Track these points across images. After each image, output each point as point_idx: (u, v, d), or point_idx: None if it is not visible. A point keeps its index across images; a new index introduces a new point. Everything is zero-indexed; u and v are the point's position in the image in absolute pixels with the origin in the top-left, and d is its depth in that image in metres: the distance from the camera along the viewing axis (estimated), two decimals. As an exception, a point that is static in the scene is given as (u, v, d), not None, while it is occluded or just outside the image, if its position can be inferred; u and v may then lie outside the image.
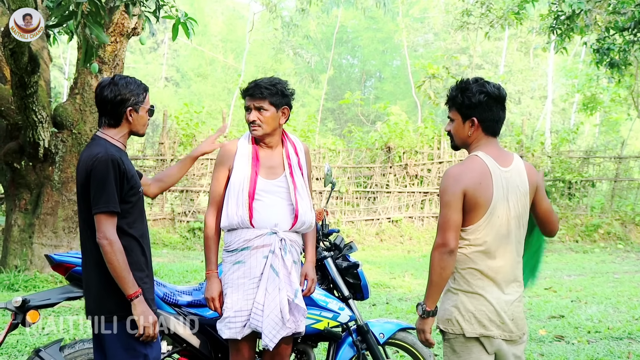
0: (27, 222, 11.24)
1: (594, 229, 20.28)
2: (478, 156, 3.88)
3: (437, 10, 43.90)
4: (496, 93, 3.90)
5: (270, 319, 4.48)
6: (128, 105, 4.14)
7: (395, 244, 19.70)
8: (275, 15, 33.34)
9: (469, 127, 3.93)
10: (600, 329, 8.82)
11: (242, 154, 4.70)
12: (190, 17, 8.22)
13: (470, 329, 3.82)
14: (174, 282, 11.71)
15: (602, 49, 11.84)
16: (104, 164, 3.99)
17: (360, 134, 22.89)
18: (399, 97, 42.78)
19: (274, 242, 4.57)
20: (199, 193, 19.05)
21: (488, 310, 3.82)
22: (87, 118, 11.21)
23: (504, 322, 3.84)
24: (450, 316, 3.87)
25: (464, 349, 3.86)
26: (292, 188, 4.68)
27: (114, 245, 3.95)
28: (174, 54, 50.31)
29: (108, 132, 4.19)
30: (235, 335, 4.55)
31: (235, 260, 4.62)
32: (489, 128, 3.94)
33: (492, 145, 3.93)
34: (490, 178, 3.81)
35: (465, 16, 19.09)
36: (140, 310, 4.00)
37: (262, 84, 4.64)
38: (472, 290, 3.84)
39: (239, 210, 4.57)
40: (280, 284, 4.52)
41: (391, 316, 9.47)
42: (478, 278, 3.84)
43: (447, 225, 3.78)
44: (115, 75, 4.25)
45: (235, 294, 4.59)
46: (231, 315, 4.55)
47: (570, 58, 32.48)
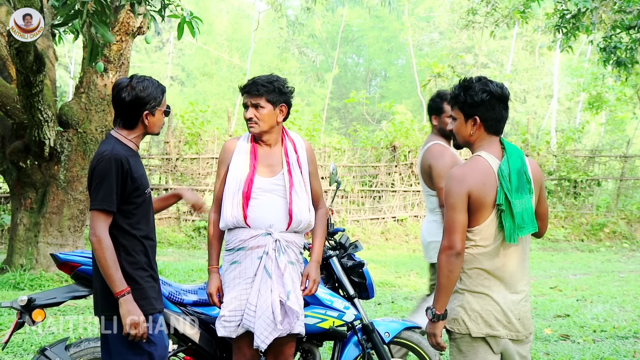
0: (33, 221, 11.25)
1: (599, 228, 20.25)
2: (481, 156, 3.86)
3: (442, 9, 43.84)
4: (499, 92, 3.89)
5: (262, 320, 4.48)
6: (144, 110, 4.14)
7: (400, 243, 19.69)
8: (281, 14, 33.27)
9: (471, 126, 3.92)
10: (605, 328, 8.80)
11: (240, 152, 4.72)
12: (196, 16, 8.21)
13: (477, 328, 3.82)
14: (179, 281, 11.72)
15: (608, 47, 11.81)
16: (107, 162, 3.99)
17: (365, 132, 22.86)
18: (404, 96, 42.73)
19: (268, 243, 4.57)
20: (204, 192, 19.05)
21: (494, 310, 3.82)
22: (93, 117, 11.22)
23: (511, 321, 3.83)
24: (456, 316, 3.86)
25: (470, 348, 3.86)
26: (289, 186, 4.67)
27: (102, 243, 3.96)
28: (180, 53, 50.33)
29: (122, 132, 4.20)
30: (229, 334, 4.57)
31: (232, 259, 4.65)
32: (491, 127, 3.92)
33: (495, 145, 3.92)
34: (495, 178, 3.79)
35: (470, 15, 19.00)
36: (126, 309, 3.99)
37: (259, 81, 4.64)
38: (479, 290, 3.83)
39: (234, 210, 4.59)
40: (272, 285, 4.52)
41: (396, 315, 9.46)
42: (484, 278, 3.83)
43: (452, 227, 3.77)
44: (133, 76, 4.21)
45: (231, 293, 4.61)
46: (226, 314, 4.57)
47: (575, 57, 32.38)
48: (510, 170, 3.79)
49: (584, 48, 33.45)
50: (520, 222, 3.80)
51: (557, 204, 20.77)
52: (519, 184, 3.80)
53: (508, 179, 3.77)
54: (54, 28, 10.93)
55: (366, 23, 47.59)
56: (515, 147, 3.92)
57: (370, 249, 18.23)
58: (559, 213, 20.55)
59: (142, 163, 4.32)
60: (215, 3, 50.26)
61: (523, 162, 3.86)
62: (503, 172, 3.77)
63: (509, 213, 3.77)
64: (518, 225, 3.79)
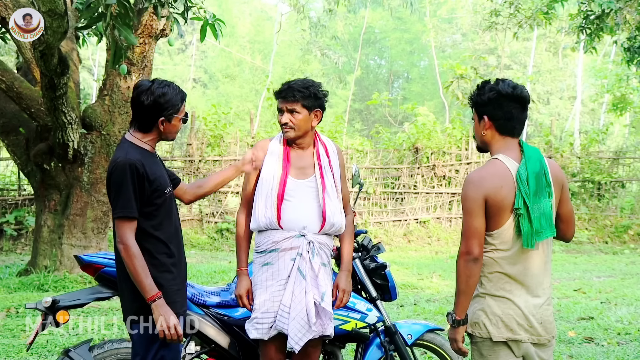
0: (57, 222, 11.32)
1: (623, 230, 20.12)
2: (499, 159, 3.84)
3: (464, 11, 43.76)
4: (508, 91, 3.84)
5: (296, 321, 4.47)
6: (161, 116, 4.12)
7: (423, 244, 19.65)
8: (303, 16, 33.34)
9: (483, 125, 3.91)
10: (630, 331, 8.74)
11: (273, 154, 4.70)
12: (218, 19, 8.23)
13: (498, 333, 3.79)
14: (202, 282, 11.75)
15: (632, 47, 11.76)
16: (120, 169, 4.00)
17: (387, 134, 22.84)
18: (426, 98, 42.67)
19: (302, 245, 4.56)
20: (227, 194, 19.10)
21: (516, 314, 3.79)
22: (116, 119, 11.27)
23: (532, 325, 3.80)
24: (477, 320, 3.84)
25: (491, 352, 3.84)
26: (321, 189, 4.66)
27: (130, 250, 3.97)
28: (202, 55, 50.54)
29: (136, 134, 4.18)
30: (262, 336, 4.55)
31: (264, 261, 4.63)
32: (502, 127, 3.88)
33: (513, 148, 3.89)
34: (513, 181, 3.76)
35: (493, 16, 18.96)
36: (158, 313, 4.00)
37: (295, 86, 4.62)
38: (499, 294, 3.80)
39: (267, 212, 4.57)
40: (307, 287, 4.51)
41: (419, 317, 9.43)
42: (505, 282, 3.80)
43: (469, 232, 3.75)
44: (155, 80, 4.20)
45: (263, 295, 4.58)
46: (259, 316, 4.55)
47: (599, 58, 32.21)
48: (528, 174, 3.75)
49: (607, 49, 33.26)
50: (538, 227, 3.75)
51: (580, 206, 20.67)
52: (537, 188, 3.76)
53: (526, 182, 3.73)
54: (77, 31, 10.99)
55: (388, 25, 47.59)
56: (534, 149, 3.88)
57: (392, 251, 18.20)
58: (582, 215, 20.44)
59: (160, 163, 4.32)
60: (238, 5, 50.43)
61: (542, 165, 3.82)
62: (521, 176, 3.74)
63: (526, 218, 3.74)
64: (536, 230, 3.75)
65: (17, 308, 9.17)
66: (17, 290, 10.61)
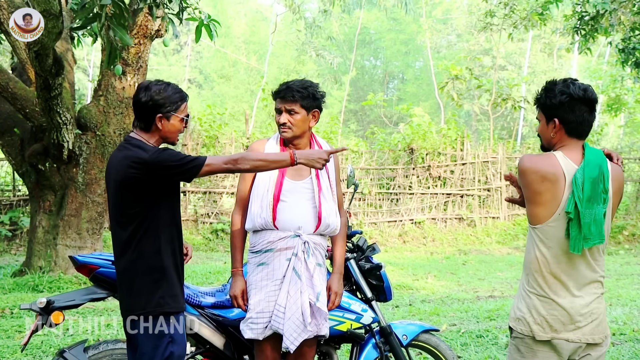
0: (52, 223, 11.31)
1: (618, 231, 20.17)
2: (554, 155, 3.82)
3: (460, 12, 43.83)
4: (580, 94, 3.81)
5: (292, 321, 4.48)
6: (158, 112, 4.13)
7: (418, 245, 19.66)
8: (298, 16, 33.34)
9: (552, 128, 3.86)
10: (625, 331, 8.75)
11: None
12: (214, 19, 8.24)
13: (541, 332, 3.75)
14: (197, 283, 11.74)
15: (627, 48, 11.78)
16: (158, 152, 4.02)
17: (383, 135, 22.90)
18: (421, 99, 42.72)
19: (297, 245, 4.57)
20: (221, 194, 19.10)
21: (560, 314, 3.74)
22: (111, 120, 11.26)
23: (579, 326, 3.76)
24: (521, 316, 3.81)
25: (528, 351, 3.80)
26: (317, 190, 4.68)
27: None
28: (197, 56, 50.48)
29: (141, 134, 4.19)
30: (257, 336, 4.55)
31: (259, 261, 4.63)
32: (573, 130, 3.83)
33: (576, 149, 3.83)
34: (563, 177, 3.72)
35: (488, 17, 19.00)
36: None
37: (293, 86, 4.64)
38: (545, 295, 3.75)
39: (263, 212, 4.58)
40: (302, 287, 4.52)
41: (414, 318, 9.44)
42: (551, 282, 3.78)
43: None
44: (156, 80, 4.23)
45: (258, 295, 4.59)
46: (253, 316, 4.56)
47: (594, 59, 32.28)
48: (584, 179, 3.69)
49: (602, 50, 33.32)
50: (586, 233, 3.69)
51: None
52: (592, 194, 3.70)
53: (581, 187, 3.68)
54: (72, 31, 10.99)
55: (383, 25, 47.61)
56: (597, 154, 3.83)
57: (387, 252, 18.21)
58: (577, 216, 20.45)
59: None
60: (233, 6, 50.42)
61: (602, 171, 3.76)
62: (577, 180, 3.69)
63: (576, 222, 3.69)
64: (584, 236, 3.69)
65: (12, 309, 9.15)
66: (11, 291, 10.60)
